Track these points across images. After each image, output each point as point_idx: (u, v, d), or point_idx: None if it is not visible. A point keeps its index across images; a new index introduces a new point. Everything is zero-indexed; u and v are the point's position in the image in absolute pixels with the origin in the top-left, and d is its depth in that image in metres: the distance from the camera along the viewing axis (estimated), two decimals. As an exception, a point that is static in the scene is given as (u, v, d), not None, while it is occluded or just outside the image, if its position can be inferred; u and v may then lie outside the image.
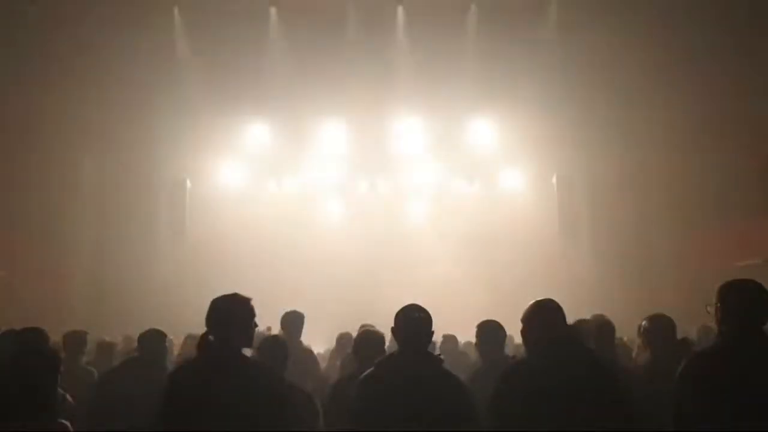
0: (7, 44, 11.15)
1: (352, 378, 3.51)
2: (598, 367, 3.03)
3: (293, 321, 5.44)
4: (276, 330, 5.63)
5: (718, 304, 2.87)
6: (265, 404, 2.91)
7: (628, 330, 6.12)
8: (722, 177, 12.07)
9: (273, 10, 13.52)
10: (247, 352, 3.16)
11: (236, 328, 3.03)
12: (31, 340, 3.90)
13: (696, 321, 5.73)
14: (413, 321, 3.13)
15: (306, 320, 5.59)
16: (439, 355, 3.24)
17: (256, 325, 3.13)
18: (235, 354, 3.02)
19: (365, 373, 3.12)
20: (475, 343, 4.45)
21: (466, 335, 6.22)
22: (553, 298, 3.21)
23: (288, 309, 5.60)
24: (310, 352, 5.69)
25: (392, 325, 3.21)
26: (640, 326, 4.38)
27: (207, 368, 2.96)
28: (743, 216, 11.65)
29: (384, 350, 3.97)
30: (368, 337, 4.13)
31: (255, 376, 2.99)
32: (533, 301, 3.20)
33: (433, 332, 3.19)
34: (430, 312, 3.27)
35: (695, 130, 12.65)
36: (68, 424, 2.88)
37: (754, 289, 2.84)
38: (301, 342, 5.46)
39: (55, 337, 4.99)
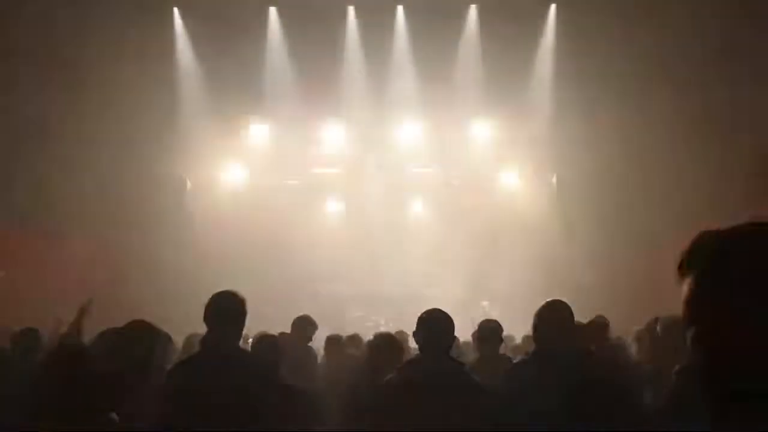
0: (7, 45, 11.15)
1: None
2: (598, 368, 3.06)
3: (301, 326, 5.44)
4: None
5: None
6: (262, 399, 2.95)
7: (628, 330, 6.11)
8: (723, 176, 12.05)
9: (273, 10, 13.53)
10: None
11: (233, 325, 3.10)
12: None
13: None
14: (430, 324, 3.11)
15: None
16: (459, 358, 3.20)
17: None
18: (233, 350, 3.07)
19: (387, 378, 3.13)
20: (476, 345, 4.53)
21: (465, 335, 6.21)
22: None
23: (294, 310, 5.63)
24: (314, 356, 5.63)
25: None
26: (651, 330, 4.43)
27: (205, 364, 2.98)
28: (743, 216, 11.61)
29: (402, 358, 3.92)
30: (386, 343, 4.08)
31: (252, 372, 3.04)
32: (545, 301, 3.21)
33: (455, 338, 3.16)
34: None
35: (695, 130, 12.64)
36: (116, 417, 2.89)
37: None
38: (309, 348, 5.44)
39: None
